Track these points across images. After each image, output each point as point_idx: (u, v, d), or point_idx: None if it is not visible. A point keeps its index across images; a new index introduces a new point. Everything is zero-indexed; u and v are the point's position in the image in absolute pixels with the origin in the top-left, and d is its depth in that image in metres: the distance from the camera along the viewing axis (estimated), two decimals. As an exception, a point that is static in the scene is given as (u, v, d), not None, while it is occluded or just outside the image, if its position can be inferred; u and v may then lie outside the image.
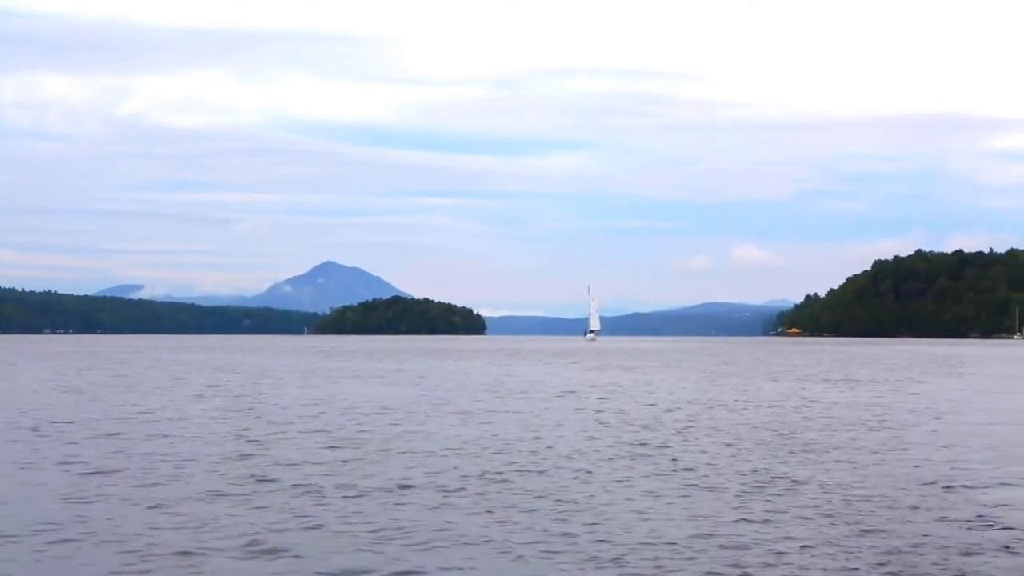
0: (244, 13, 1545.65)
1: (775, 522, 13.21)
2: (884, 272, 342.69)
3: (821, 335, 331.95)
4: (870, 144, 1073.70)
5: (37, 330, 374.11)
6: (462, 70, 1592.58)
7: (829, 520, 13.38)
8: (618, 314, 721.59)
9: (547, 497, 15.02)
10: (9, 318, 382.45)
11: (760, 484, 16.32)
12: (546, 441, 22.22)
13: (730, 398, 36.60)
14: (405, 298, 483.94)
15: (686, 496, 15.25)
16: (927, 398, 37.23)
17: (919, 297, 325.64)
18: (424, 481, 16.41)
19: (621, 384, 46.61)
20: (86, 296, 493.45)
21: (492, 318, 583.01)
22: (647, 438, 22.93)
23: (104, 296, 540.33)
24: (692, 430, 24.80)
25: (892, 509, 14.23)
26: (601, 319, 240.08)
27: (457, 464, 18.49)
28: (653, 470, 17.91)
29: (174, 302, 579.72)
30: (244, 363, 73.90)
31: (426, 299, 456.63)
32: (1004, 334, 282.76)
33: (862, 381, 49.36)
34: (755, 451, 20.64)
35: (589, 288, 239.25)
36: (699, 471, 17.77)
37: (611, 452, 20.38)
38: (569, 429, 25.01)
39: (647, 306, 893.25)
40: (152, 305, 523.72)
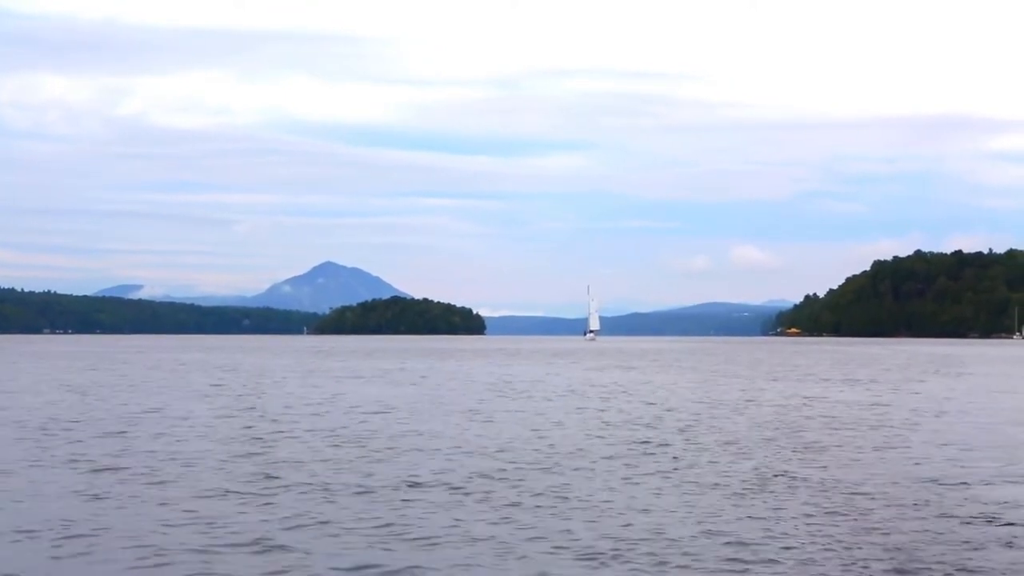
0: (244, 13, 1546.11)
1: (777, 519, 13.37)
2: (883, 272, 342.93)
3: (820, 335, 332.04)
4: (869, 145, 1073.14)
5: (37, 330, 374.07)
6: (462, 70, 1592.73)
7: (831, 517, 13.54)
8: (618, 314, 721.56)
9: (551, 495, 15.18)
10: (9, 318, 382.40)
11: (761, 482, 16.47)
12: (549, 440, 22.39)
13: (731, 397, 36.77)
14: (405, 298, 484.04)
15: (688, 494, 15.40)
16: (927, 398, 37.40)
17: (918, 297, 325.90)
18: (429, 479, 16.58)
19: (622, 384, 46.76)
20: (85, 296, 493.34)
21: (492, 318, 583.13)
22: (649, 437, 23.10)
23: (104, 296, 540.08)
24: (693, 429, 24.97)
25: (893, 506, 14.38)
26: (601, 319, 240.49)
27: (461, 463, 18.65)
28: (655, 468, 18.06)
29: (173, 302, 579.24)
30: (245, 363, 74.07)
31: (426, 299, 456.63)
32: (1003, 334, 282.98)
33: (862, 381, 49.53)
34: (756, 450, 20.80)
35: (589, 288, 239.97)
36: (701, 469, 17.93)
37: (613, 451, 20.54)
38: (571, 428, 25.18)
39: (647, 306, 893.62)
40: (152, 305, 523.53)
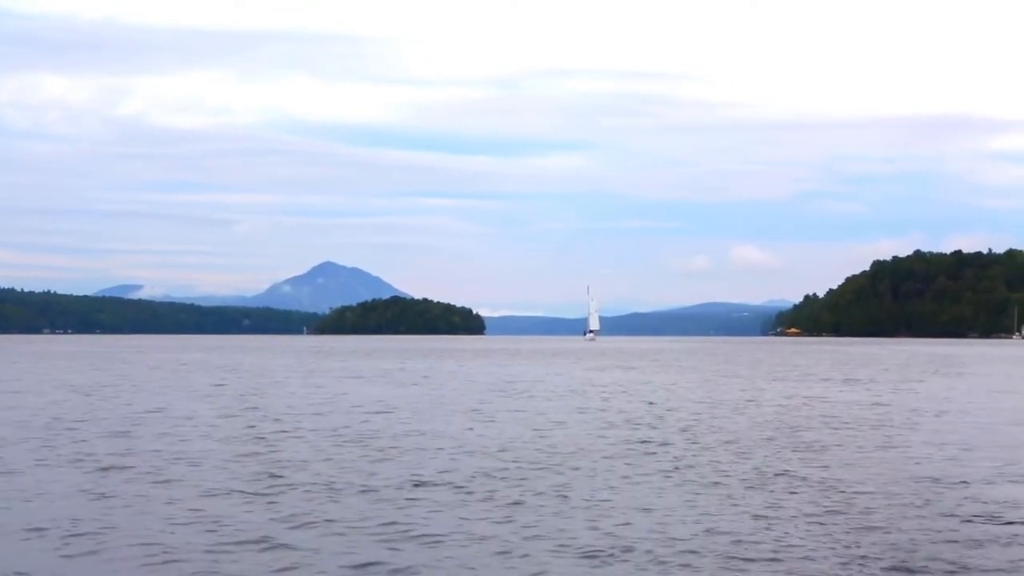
0: (244, 13, 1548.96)
1: (778, 518, 13.48)
2: (883, 272, 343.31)
3: (820, 335, 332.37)
4: (869, 145, 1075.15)
5: (36, 330, 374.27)
6: (462, 70, 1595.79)
7: (831, 516, 13.65)
8: (617, 314, 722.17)
9: (553, 494, 15.29)
10: (9, 318, 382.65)
11: (762, 482, 16.58)
12: (550, 440, 22.51)
13: (731, 397, 36.88)
14: (404, 298, 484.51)
15: (689, 493, 15.50)
16: (927, 397, 37.51)
17: (918, 297, 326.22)
18: (433, 479, 16.69)
19: (622, 384, 46.87)
20: (85, 296, 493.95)
21: (491, 318, 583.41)
22: (650, 436, 23.21)
23: (103, 296, 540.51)
24: (694, 429, 25.08)
25: (894, 505, 14.49)
26: (600, 319, 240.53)
27: (464, 462, 18.76)
28: (656, 468, 18.16)
29: (173, 302, 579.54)
30: (246, 363, 74.17)
31: (425, 299, 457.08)
32: (1003, 334, 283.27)
33: (862, 381, 49.64)
34: (757, 449, 20.91)
35: (588, 288, 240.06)
36: (702, 469, 18.03)
37: (614, 450, 20.64)
38: (573, 428, 25.28)
39: (646, 306, 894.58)
40: (151, 305, 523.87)
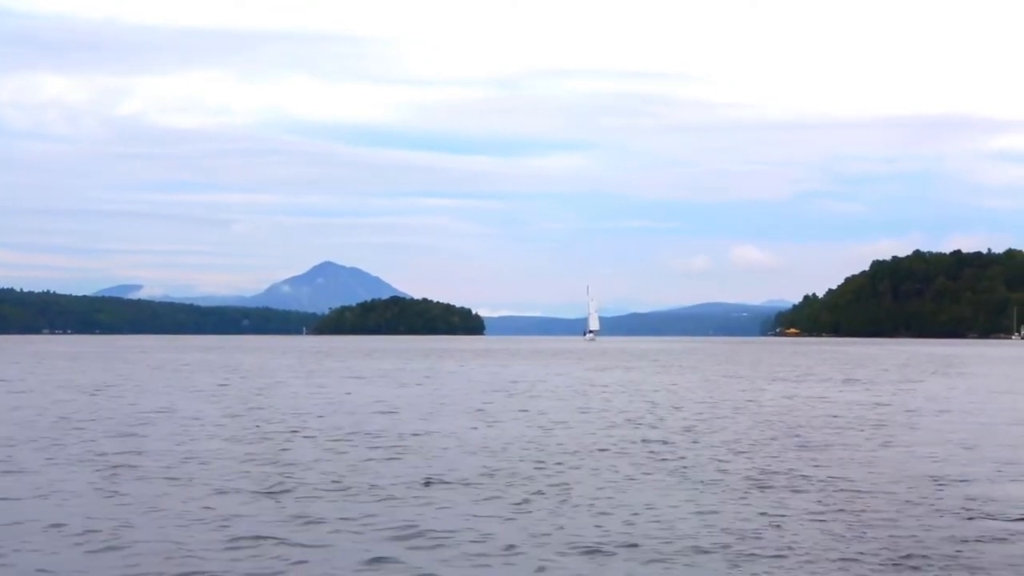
0: (244, 13, 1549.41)
1: (779, 516, 13.68)
2: (882, 272, 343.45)
3: (819, 335, 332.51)
4: (869, 145, 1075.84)
5: (36, 330, 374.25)
6: (462, 70, 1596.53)
7: (833, 514, 13.86)
8: (617, 314, 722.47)
9: (557, 493, 15.47)
10: (8, 318, 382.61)
11: (764, 480, 16.78)
12: (554, 439, 22.71)
13: (732, 397, 37.10)
14: (404, 298, 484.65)
15: (692, 492, 15.69)
16: (927, 397, 37.70)
17: (917, 297, 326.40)
18: (440, 478, 16.89)
19: (623, 384, 47.07)
20: (85, 296, 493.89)
21: (491, 318, 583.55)
22: (652, 436, 23.42)
23: (103, 296, 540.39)
24: (696, 429, 25.30)
25: (894, 504, 14.70)
26: (600, 319, 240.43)
27: (470, 461, 18.98)
28: (659, 467, 18.36)
29: (173, 302, 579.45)
30: (247, 363, 74.38)
31: (425, 299, 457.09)
32: (1002, 334, 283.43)
33: (862, 381, 49.86)
34: (758, 449, 21.12)
35: (588, 288, 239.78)
36: (704, 468, 18.23)
37: (617, 450, 20.85)
38: (575, 428, 25.49)
39: (646, 306, 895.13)
40: (151, 305, 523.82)
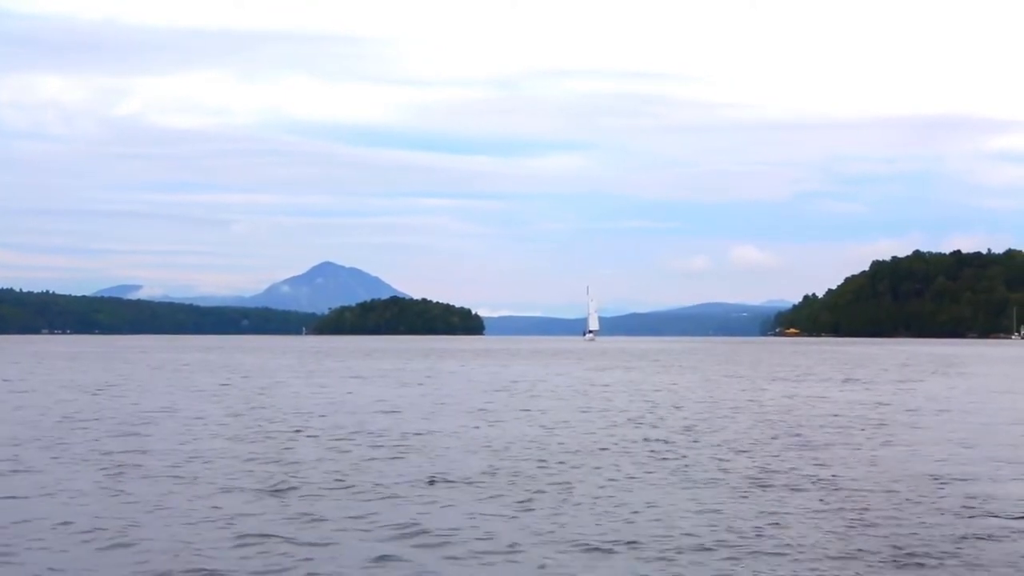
0: (243, 13, 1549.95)
1: (780, 515, 13.79)
2: (882, 272, 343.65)
3: (819, 335, 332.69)
4: (869, 145, 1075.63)
5: (35, 330, 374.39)
6: (461, 71, 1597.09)
7: (833, 513, 13.97)
8: (616, 314, 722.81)
9: (560, 492, 15.58)
10: (7, 319, 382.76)
11: (764, 479, 16.89)
12: (556, 439, 22.83)
13: (732, 397, 37.22)
14: (403, 298, 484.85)
15: (693, 491, 15.80)
16: (927, 397, 37.83)
17: (917, 297, 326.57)
18: (443, 477, 17.00)
19: (624, 384, 47.19)
20: (84, 296, 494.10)
21: (490, 318, 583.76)
22: (653, 436, 23.53)
23: (102, 296, 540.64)
24: (697, 428, 25.42)
25: (894, 502, 14.81)
26: (600, 319, 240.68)
27: (473, 460, 19.09)
28: (660, 466, 18.46)
29: (172, 302, 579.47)
30: (247, 363, 74.49)
31: (424, 299, 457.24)
32: (1002, 334, 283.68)
33: (861, 381, 49.98)
34: (759, 448, 21.23)
35: (588, 288, 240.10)
36: (705, 467, 18.34)
37: (619, 449, 20.96)
38: (577, 427, 25.60)
39: (645, 306, 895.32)
40: (150, 305, 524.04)
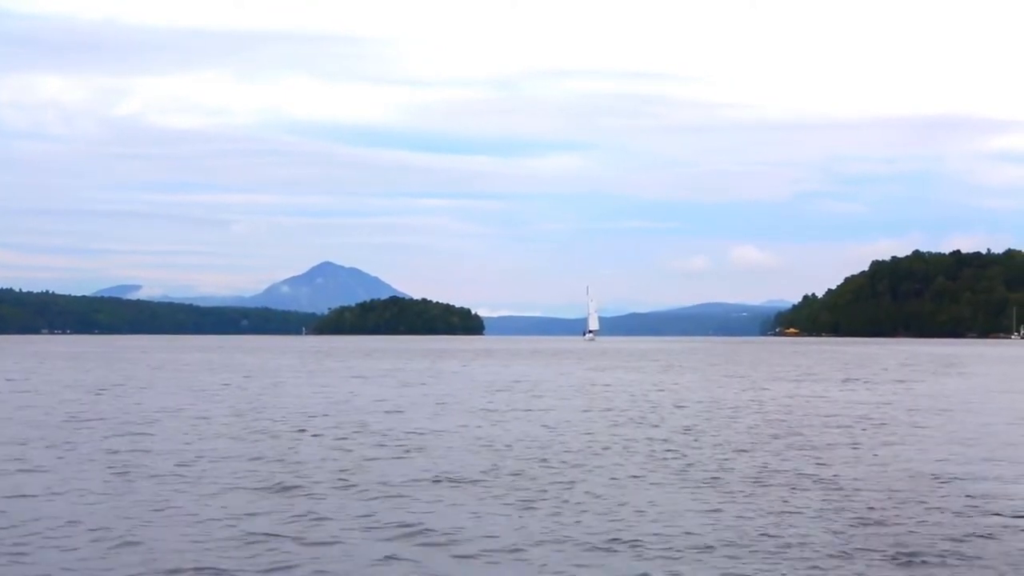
0: (243, 13, 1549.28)
1: (781, 514, 13.94)
2: (882, 272, 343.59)
3: (819, 335, 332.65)
4: (869, 145, 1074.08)
5: (35, 330, 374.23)
6: (461, 71, 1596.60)
7: (834, 512, 14.11)
8: (616, 314, 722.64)
9: (562, 491, 15.72)
10: (6, 319, 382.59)
11: (766, 479, 17.04)
12: (558, 439, 22.97)
13: (733, 397, 37.36)
14: (403, 298, 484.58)
15: (695, 490, 15.94)
16: (927, 397, 37.98)
17: (916, 297, 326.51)
18: (448, 476, 17.16)
19: (625, 384, 47.30)
20: (84, 296, 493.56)
21: (490, 318, 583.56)
22: (654, 435, 23.68)
23: (102, 296, 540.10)
24: (698, 428, 25.58)
25: (894, 501, 14.96)
26: (600, 319, 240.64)
27: (478, 460, 19.25)
28: (662, 466, 18.61)
29: (172, 302, 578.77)
30: (248, 363, 74.60)
31: (424, 299, 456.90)
32: (1001, 334, 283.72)
33: (861, 380, 50.12)
34: (760, 447, 21.38)
35: (588, 288, 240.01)
36: (706, 466, 18.48)
37: (620, 449, 21.10)
38: (579, 427, 25.75)
39: (645, 306, 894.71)
40: (150, 305, 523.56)
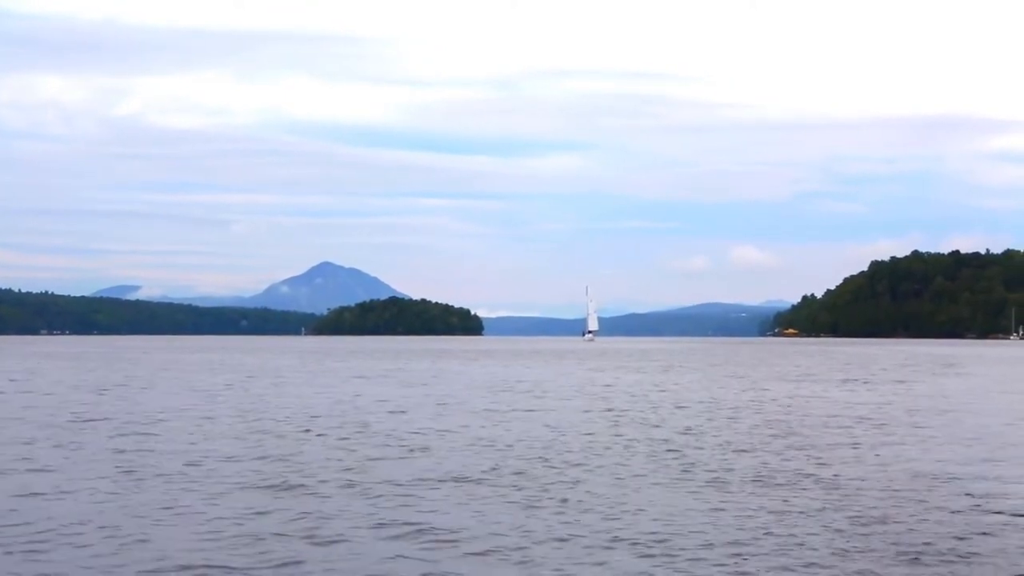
0: (243, 13, 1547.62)
1: (782, 513, 14.06)
2: (881, 273, 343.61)
3: (818, 335, 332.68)
4: (868, 145, 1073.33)
5: (34, 331, 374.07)
6: (461, 71, 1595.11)
7: (834, 511, 14.24)
8: (616, 315, 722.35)
9: (564, 491, 15.83)
10: (6, 319, 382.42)
11: (766, 478, 17.17)
12: (560, 439, 23.09)
13: (734, 397, 37.48)
14: (403, 299, 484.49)
15: (696, 489, 16.06)
16: (926, 397, 38.12)
17: (916, 298, 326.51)
18: (451, 476, 17.29)
19: (625, 384, 47.42)
20: (83, 297, 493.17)
21: (489, 319, 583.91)
22: (655, 435, 23.80)
23: (101, 297, 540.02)
24: (699, 428, 25.70)
25: (894, 501, 15.09)
26: (599, 320, 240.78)
27: (481, 460, 19.37)
28: (663, 466, 18.72)
29: (171, 303, 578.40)
30: (249, 363, 74.68)
31: (424, 300, 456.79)
32: (1000, 334, 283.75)
33: (861, 381, 50.24)
34: (760, 447, 21.50)
35: (587, 289, 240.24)
36: (708, 466, 18.59)
37: (622, 449, 21.23)
38: (581, 427, 25.85)
39: (644, 306, 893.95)
40: (149, 306, 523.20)
